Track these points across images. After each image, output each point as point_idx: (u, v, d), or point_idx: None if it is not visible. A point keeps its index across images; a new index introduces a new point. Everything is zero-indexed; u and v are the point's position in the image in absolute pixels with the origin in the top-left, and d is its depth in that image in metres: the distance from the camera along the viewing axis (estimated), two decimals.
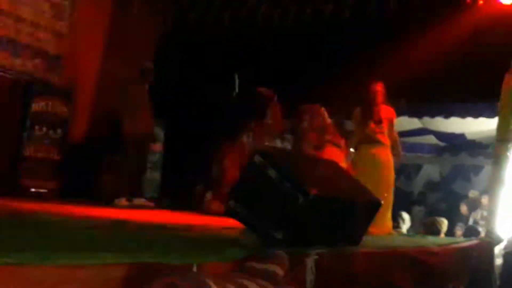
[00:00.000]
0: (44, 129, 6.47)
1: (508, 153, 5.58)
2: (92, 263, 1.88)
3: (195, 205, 7.08)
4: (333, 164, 3.88)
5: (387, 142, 5.55)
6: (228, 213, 3.19)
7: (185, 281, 1.84)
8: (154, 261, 2.05)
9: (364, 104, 5.59)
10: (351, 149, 6.25)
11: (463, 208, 9.36)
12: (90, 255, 1.98)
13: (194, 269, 2.18)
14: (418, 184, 11.54)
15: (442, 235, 6.81)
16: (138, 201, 6.53)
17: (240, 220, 3.14)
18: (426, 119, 8.74)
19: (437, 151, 10.87)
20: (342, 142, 6.35)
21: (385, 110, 5.61)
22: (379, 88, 5.58)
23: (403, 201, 9.81)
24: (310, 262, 2.80)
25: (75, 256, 1.94)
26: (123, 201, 6.32)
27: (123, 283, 1.89)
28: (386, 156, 5.54)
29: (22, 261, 1.73)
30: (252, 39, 7.98)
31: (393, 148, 5.66)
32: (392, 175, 5.62)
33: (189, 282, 1.84)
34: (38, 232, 2.72)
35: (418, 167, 11.26)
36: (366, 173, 5.45)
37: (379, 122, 5.51)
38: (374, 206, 3.67)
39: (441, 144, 10.53)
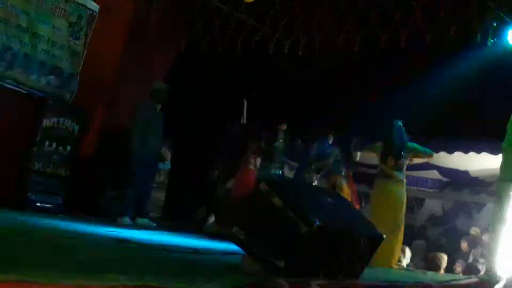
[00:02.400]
0: (54, 144, 6.55)
1: (510, 192, 5.60)
2: (94, 284, 1.93)
3: (197, 227, 7.13)
4: (339, 196, 3.93)
5: (404, 179, 5.67)
6: (231, 239, 3.23)
7: None
8: (156, 284, 2.10)
9: (387, 141, 5.70)
10: None
11: (464, 245, 9.32)
12: (93, 276, 2.03)
13: None
14: (420, 218, 11.49)
15: (442, 271, 6.80)
16: (141, 220, 6.57)
17: (242, 246, 3.18)
18: None
19: (440, 186, 10.87)
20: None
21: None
22: (402, 126, 5.71)
23: (404, 235, 9.79)
24: None
25: (78, 276, 1.98)
26: (126, 219, 6.37)
27: None
28: (401, 193, 5.63)
29: (24, 278, 1.78)
30: (263, 66, 8.09)
31: None
32: (403, 211, 5.69)
33: None
34: (40, 249, 2.76)
35: (421, 201, 11.25)
36: (380, 207, 5.56)
37: (399, 159, 5.61)
38: (376, 240, 3.70)
39: (444, 179, 10.54)
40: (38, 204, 6.26)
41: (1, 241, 2.89)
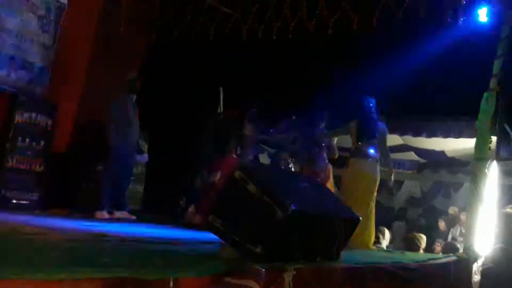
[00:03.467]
0: (27, 140, 6.44)
1: (486, 171, 5.68)
2: (66, 278, 1.89)
3: (177, 219, 7.08)
4: (314, 180, 3.92)
5: (378, 158, 5.70)
6: (208, 227, 3.21)
7: None
8: (130, 276, 2.07)
9: (360, 120, 5.72)
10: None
11: (441, 224, 9.45)
12: (64, 270, 1.99)
13: (171, 284, 2.20)
14: (399, 200, 11.63)
15: (421, 251, 6.87)
16: (120, 214, 6.50)
17: (219, 234, 3.17)
18: (407, 136, 8.86)
19: (418, 167, 10.99)
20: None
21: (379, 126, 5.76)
22: (372, 104, 5.73)
23: (384, 217, 9.88)
24: (288, 277, 2.83)
25: (50, 270, 1.95)
26: (104, 213, 6.30)
27: None
28: (374, 172, 5.66)
29: None
30: (237, 53, 8.04)
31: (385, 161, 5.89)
32: (376, 190, 5.74)
33: None
34: (15, 246, 2.72)
35: (400, 183, 11.36)
36: (353, 185, 5.60)
37: (373, 137, 5.64)
38: (353, 223, 3.71)
39: (422, 160, 10.66)
40: (14, 201, 6.16)
41: None
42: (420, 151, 9.94)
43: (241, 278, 2.48)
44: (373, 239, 5.75)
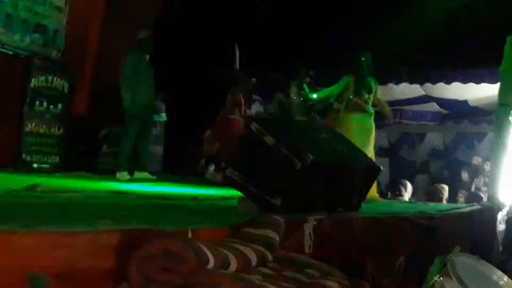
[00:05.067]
0: (45, 104, 6.45)
1: (510, 118, 5.52)
2: (84, 230, 1.88)
3: (198, 177, 7.11)
4: (332, 130, 3.86)
5: (373, 111, 5.70)
6: (226, 181, 3.19)
7: (178, 245, 1.83)
8: (148, 227, 2.05)
9: (356, 75, 5.67)
10: None
11: (464, 175, 9.35)
12: (82, 223, 1.98)
13: (189, 235, 2.18)
14: (421, 153, 11.50)
15: (444, 201, 6.81)
16: (140, 174, 6.54)
17: (237, 187, 3.14)
18: (428, 85, 8.67)
19: (440, 119, 10.80)
20: None
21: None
22: (364, 59, 5.67)
23: (406, 170, 9.82)
24: (308, 227, 2.80)
25: (67, 223, 1.94)
26: (124, 174, 6.33)
27: (116, 250, 1.89)
28: (371, 125, 5.66)
29: (12, 229, 1.73)
30: (251, 8, 7.88)
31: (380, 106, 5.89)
32: (372, 143, 5.75)
33: (182, 246, 1.84)
34: (34, 201, 2.73)
35: (422, 136, 11.22)
36: (353, 140, 5.58)
37: (370, 92, 5.62)
38: (373, 171, 3.65)
39: (444, 111, 10.46)
40: (35, 165, 6.21)
41: None
42: (442, 102, 9.74)
43: (259, 229, 2.44)
44: (375, 189, 5.72)
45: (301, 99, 6.93)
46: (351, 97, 5.66)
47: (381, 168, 3.62)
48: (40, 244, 1.72)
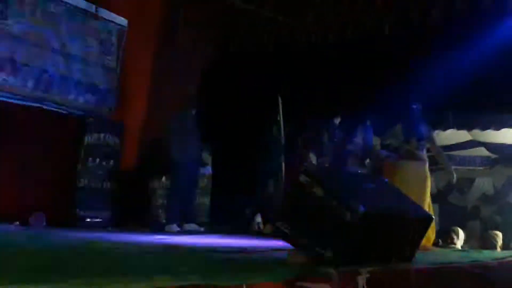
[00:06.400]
0: (97, 160, 6.67)
1: None
2: (146, 286, 1.94)
3: (245, 228, 7.13)
4: (381, 180, 3.85)
5: (426, 158, 5.60)
6: (276, 234, 3.21)
7: None
8: (205, 283, 2.10)
9: (405, 122, 5.65)
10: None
11: None
12: (143, 279, 2.04)
13: None
14: (471, 199, 11.18)
15: (498, 249, 6.59)
16: (189, 226, 6.63)
17: (288, 240, 3.16)
18: (476, 131, 8.55)
19: (490, 163, 10.54)
20: None
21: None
22: (415, 107, 5.66)
23: (457, 217, 9.56)
24: (361, 280, 2.78)
25: (126, 279, 2.00)
26: (174, 226, 6.43)
27: None
28: (424, 172, 5.56)
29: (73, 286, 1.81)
30: (294, 60, 8.04)
31: (439, 160, 5.70)
32: (429, 191, 5.62)
33: None
34: (93, 258, 2.81)
35: (471, 181, 10.94)
36: (408, 189, 5.49)
37: (421, 139, 5.56)
38: (426, 221, 3.61)
39: (493, 156, 10.23)
40: (88, 220, 6.37)
41: (55, 255, 2.95)
42: (490, 146, 9.54)
43: (314, 282, 2.45)
44: (433, 240, 5.58)
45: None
46: (407, 145, 5.61)
47: (433, 217, 3.58)
48: None
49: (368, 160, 6.78)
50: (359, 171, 6.56)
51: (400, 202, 3.53)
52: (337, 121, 7.20)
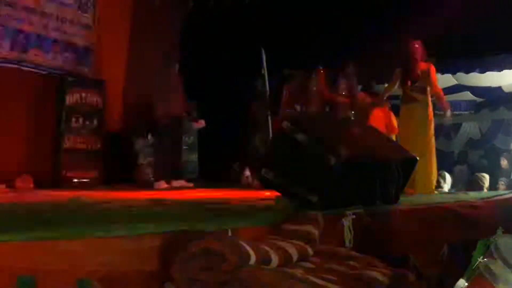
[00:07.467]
0: (81, 120, 6.59)
1: None
2: (127, 234, 1.93)
3: (233, 182, 7.15)
4: (364, 124, 3.84)
5: (426, 100, 5.45)
6: (261, 181, 3.21)
7: (219, 244, 1.87)
8: (188, 229, 2.09)
9: (403, 64, 5.50)
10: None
11: (504, 163, 9.14)
12: (125, 227, 2.03)
13: (229, 234, 2.21)
14: (458, 143, 11.29)
15: (485, 191, 6.66)
16: (177, 182, 6.62)
17: (273, 187, 3.16)
18: (461, 75, 8.52)
19: (475, 107, 10.58)
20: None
21: (423, 67, 5.48)
22: (417, 46, 5.47)
23: (444, 162, 9.63)
24: (347, 222, 2.80)
25: (111, 229, 1.99)
26: (162, 184, 6.42)
27: (159, 251, 1.94)
28: (424, 114, 5.44)
29: (60, 236, 1.79)
30: (275, 11, 7.90)
31: (438, 102, 5.63)
32: (431, 133, 5.52)
33: (223, 245, 1.87)
34: (77, 212, 2.80)
35: (457, 126, 11.01)
36: (404, 131, 5.46)
37: (416, 80, 5.42)
38: (410, 163, 3.62)
39: (478, 99, 10.25)
40: (75, 180, 6.35)
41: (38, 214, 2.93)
42: (475, 90, 9.54)
43: (299, 225, 2.46)
44: (434, 181, 5.60)
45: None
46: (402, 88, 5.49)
47: (418, 158, 3.58)
48: (86, 250, 1.77)
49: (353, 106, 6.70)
50: (344, 117, 6.52)
51: (383, 145, 3.53)
52: (320, 69, 7.09)
